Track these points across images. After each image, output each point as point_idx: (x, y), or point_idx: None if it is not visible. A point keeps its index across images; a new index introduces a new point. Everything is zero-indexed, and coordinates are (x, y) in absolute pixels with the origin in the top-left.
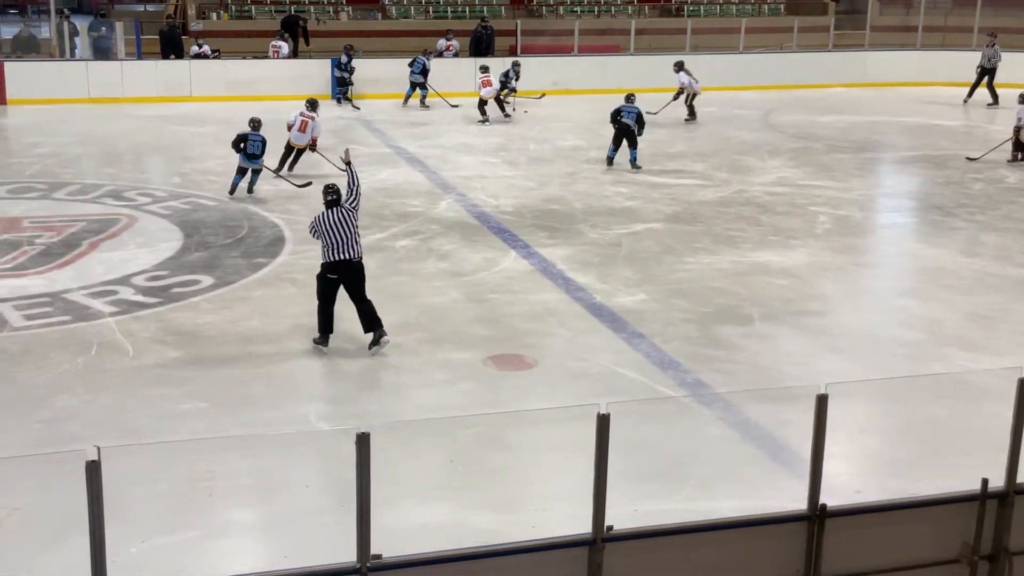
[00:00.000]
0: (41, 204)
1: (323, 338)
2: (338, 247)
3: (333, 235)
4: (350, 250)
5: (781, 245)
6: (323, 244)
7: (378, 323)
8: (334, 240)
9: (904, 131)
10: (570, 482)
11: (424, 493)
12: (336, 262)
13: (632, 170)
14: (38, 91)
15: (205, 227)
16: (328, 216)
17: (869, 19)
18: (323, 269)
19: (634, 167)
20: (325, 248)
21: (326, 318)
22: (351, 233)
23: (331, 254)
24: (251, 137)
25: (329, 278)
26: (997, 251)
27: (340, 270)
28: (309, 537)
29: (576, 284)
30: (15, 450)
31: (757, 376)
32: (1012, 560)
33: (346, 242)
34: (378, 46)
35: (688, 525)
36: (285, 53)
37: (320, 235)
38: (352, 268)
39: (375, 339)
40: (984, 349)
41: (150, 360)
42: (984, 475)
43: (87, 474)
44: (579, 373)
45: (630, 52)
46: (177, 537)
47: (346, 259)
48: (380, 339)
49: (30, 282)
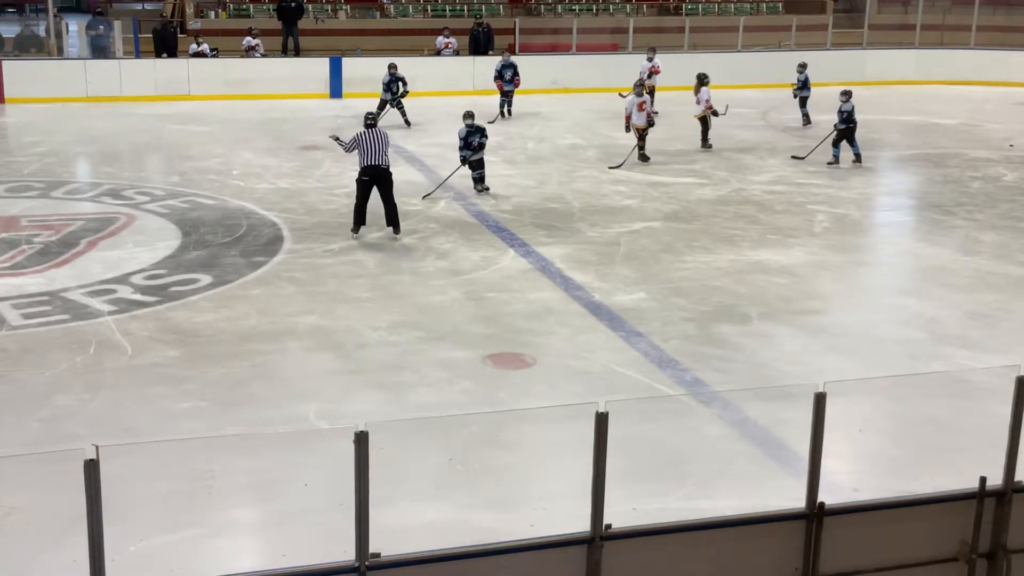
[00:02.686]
0: (39, 203)
1: (356, 228)
2: (371, 156)
3: (368, 147)
4: (380, 159)
5: (780, 244)
6: (360, 154)
7: (397, 224)
8: (368, 150)
9: (903, 130)
10: (569, 481)
11: (423, 492)
12: (368, 167)
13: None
14: (36, 90)
15: (204, 226)
16: (366, 134)
17: (867, 18)
18: (359, 174)
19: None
20: (361, 157)
21: (359, 214)
22: (382, 147)
23: (365, 160)
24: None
25: (363, 180)
26: (996, 249)
27: (371, 173)
28: (308, 536)
29: (575, 283)
30: (14, 449)
31: (756, 375)
32: (1010, 558)
33: (377, 153)
34: (376, 45)
35: (687, 523)
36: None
37: (358, 147)
38: (380, 173)
39: (394, 231)
40: (983, 348)
41: (149, 359)
42: (982, 473)
43: (85, 473)
44: (578, 372)
45: (629, 51)
46: (176, 536)
47: (375, 164)
48: (397, 233)
49: (28, 281)
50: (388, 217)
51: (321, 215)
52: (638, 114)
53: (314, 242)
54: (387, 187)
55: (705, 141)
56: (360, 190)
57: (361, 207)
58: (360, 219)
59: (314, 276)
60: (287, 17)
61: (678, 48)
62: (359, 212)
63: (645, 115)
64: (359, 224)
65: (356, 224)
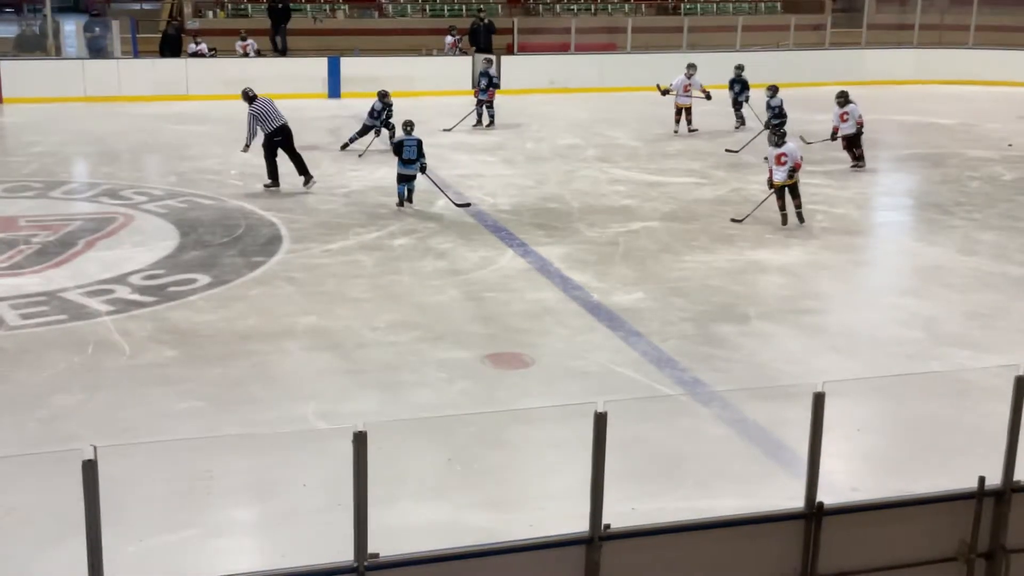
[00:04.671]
0: (37, 203)
1: (276, 182)
2: (275, 119)
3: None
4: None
5: (778, 244)
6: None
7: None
8: (271, 115)
9: (901, 129)
10: (567, 481)
11: (421, 492)
12: (278, 128)
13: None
14: (35, 90)
15: (202, 226)
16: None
17: (866, 17)
18: (271, 135)
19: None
20: (265, 123)
21: (275, 168)
22: (277, 109)
23: (271, 124)
24: (406, 142)
25: (275, 140)
26: (995, 249)
27: (282, 133)
28: (306, 536)
29: (573, 283)
30: (12, 449)
31: (755, 374)
32: (1009, 558)
33: (278, 115)
34: (375, 44)
35: (686, 523)
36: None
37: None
38: (288, 130)
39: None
40: (982, 347)
41: (147, 359)
42: (981, 473)
43: (84, 473)
44: (576, 372)
45: (627, 50)
46: (174, 536)
47: (283, 124)
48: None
49: (26, 281)
50: (299, 168)
51: (320, 215)
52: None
53: (312, 242)
54: (291, 142)
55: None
56: (271, 149)
57: (275, 163)
58: (276, 172)
59: (313, 276)
60: (275, 18)
61: (676, 48)
62: (274, 167)
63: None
64: (276, 177)
65: (274, 178)
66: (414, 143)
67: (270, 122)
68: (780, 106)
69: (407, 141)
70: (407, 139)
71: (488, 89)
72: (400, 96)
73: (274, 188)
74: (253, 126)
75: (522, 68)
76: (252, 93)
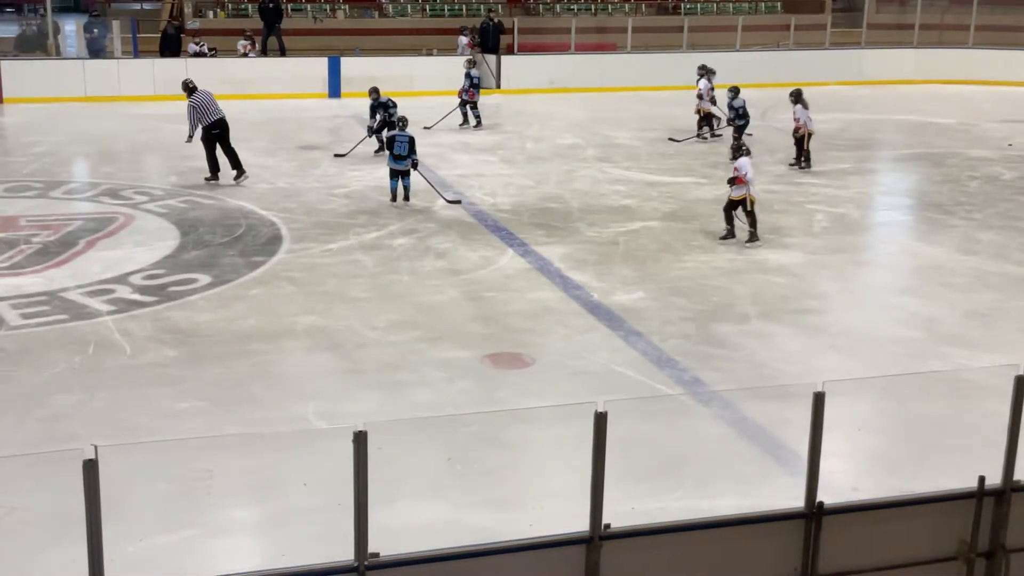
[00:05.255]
0: (38, 203)
1: (215, 175)
2: (213, 112)
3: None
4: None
5: (778, 243)
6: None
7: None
8: (209, 109)
9: (901, 129)
10: (567, 480)
11: (422, 491)
12: (216, 121)
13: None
14: (35, 90)
15: (202, 225)
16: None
17: (866, 17)
18: (209, 128)
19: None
20: (204, 116)
21: (215, 162)
22: (215, 103)
23: (209, 117)
24: (398, 138)
25: (214, 133)
26: (994, 249)
27: (220, 126)
28: (307, 535)
29: (573, 282)
30: (13, 449)
31: (754, 374)
32: (1009, 557)
33: (217, 109)
34: (375, 44)
35: (686, 523)
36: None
37: (199, 113)
38: (225, 123)
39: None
40: (981, 347)
41: (147, 359)
42: (981, 472)
43: (84, 473)
44: (576, 371)
45: (627, 50)
46: (175, 536)
47: (221, 117)
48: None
49: (27, 281)
50: (233, 162)
51: (320, 215)
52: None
53: (313, 242)
54: (227, 136)
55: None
56: (210, 144)
57: (215, 157)
58: (217, 167)
59: (313, 276)
60: (267, 18)
61: (676, 48)
62: (214, 160)
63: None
64: (216, 170)
65: (214, 171)
66: (406, 139)
67: (208, 115)
68: (743, 107)
69: (399, 137)
70: (399, 135)
71: (469, 90)
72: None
73: (214, 182)
74: (193, 118)
75: (522, 68)
76: (192, 85)
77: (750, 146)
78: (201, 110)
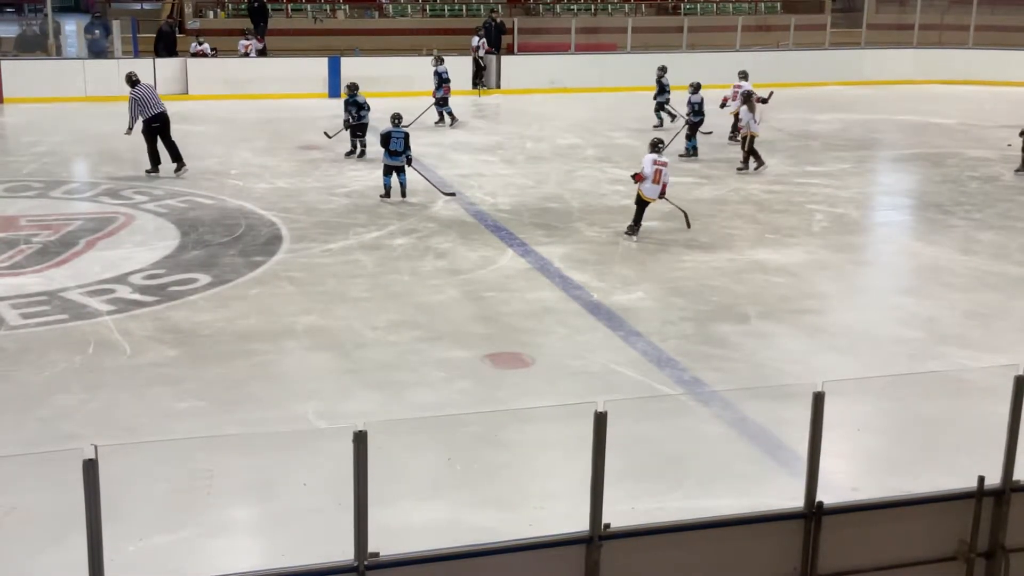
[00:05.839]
0: (38, 203)
1: (155, 168)
2: (154, 106)
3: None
4: (162, 106)
5: (778, 243)
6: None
7: (182, 160)
8: (150, 102)
9: (901, 129)
10: (567, 480)
11: (421, 491)
12: (156, 115)
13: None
14: (35, 90)
15: (202, 225)
16: (140, 89)
17: (865, 17)
18: (149, 121)
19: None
20: (145, 109)
21: (156, 155)
22: (157, 96)
23: (150, 111)
24: (394, 134)
25: (154, 127)
26: (994, 249)
27: (161, 119)
28: (306, 535)
29: (573, 282)
30: (13, 449)
31: (754, 374)
32: (1008, 557)
33: (158, 102)
34: (375, 45)
35: (685, 523)
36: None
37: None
38: (166, 117)
39: (179, 167)
40: (981, 347)
41: (147, 359)
42: (981, 472)
43: (84, 472)
44: (576, 371)
45: (627, 50)
46: (175, 536)
47: (162, 111)
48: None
49: (27, 281)
50: (173, 155)
51: (320, 215)
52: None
53: (312, 242)
54: (168, 130)
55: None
56: (151, 137)
57: (155, 150)
58: (158, 159)
59: (313, 276)
60: (253, 18)
61: (676, 48)
62: (155, 153)
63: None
64: (157, 163)
65: (154, 164)
66: (401, 135)
67: (149, 108)
68: (700, 103)
69: (394, 133)
70: (394, 131)
71: (442, 86)
72: (402, 97)
73: (154, 174)
74: (134, 110)
75: (522, 68)
76: (135, 78)
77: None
78: (142, 103)
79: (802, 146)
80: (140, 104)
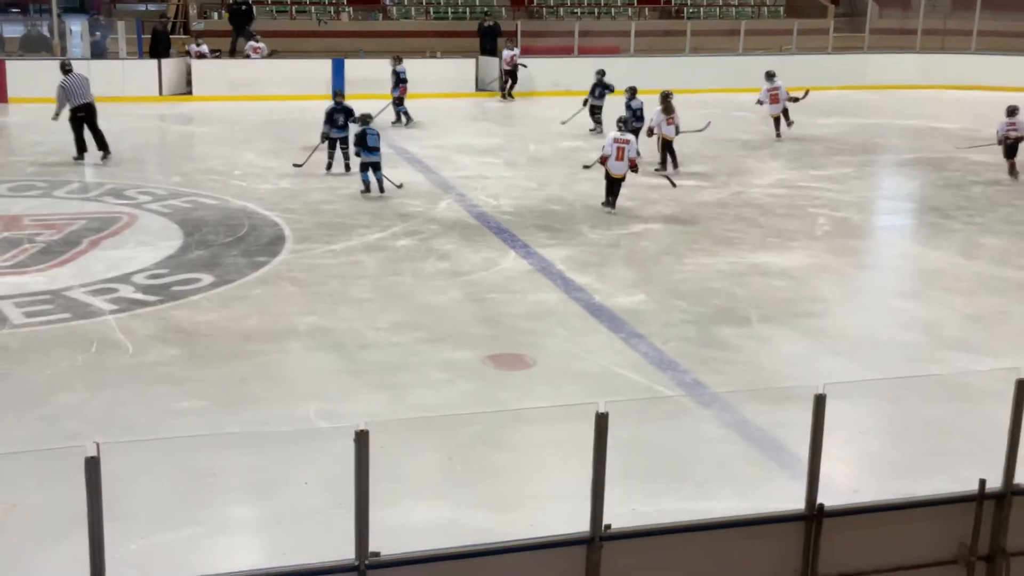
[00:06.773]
0: (42, 202)
1: (81, 155)
2: (81, 95)
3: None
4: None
5: (780, 247)
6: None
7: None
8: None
9: (903, 133)
10: (568, 481)
11: (422, 491)
12: (82, 105)
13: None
14: (39, 89)
15: (205, 226)
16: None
17: (868, 22)
18: (75, 112)
19: None
20: (72, 98)
21: (82, 143)
22: (86, 87)
23: (76, 100)
24: (368, 131)
25: (80, 116)
26: (996, 253)
27: (86, 109)
28: (308, 534)
29: (575, 284)
30: (15, 446)
31: (755, 376)
32: (1009, 561)
33: (85, 92)
34: (379, 46)
35: (686, 524)
36: (265, 52)
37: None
38: (91, 107)
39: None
40: (983, 351)
41: (150, 358)
42: (982, 476)
43: (86, 470)
44: (578, 373)
45: (630, 54)
46: (176, 534)
47: (88, 102)
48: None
49: (30, 280)
50: (99, 143)
51: (323, 215)
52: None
53: (315, 242)
54: (94, 119)
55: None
56: (77, 125)
57: (81, 138)
58: (84, 147)
59: (315, 276)
60: (237, 21)
61: (679, 52)
62: (81, 141)
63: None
64: (83, 150)
65: (80, 152)
66: (375, 132)
67: (76, 98)
68: (640, 108)
69: (369, 131)
70: (369, 129)
71: (399, 86)
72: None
73: (79, 161)
74: (61, 98)
75: (525, 71)
76: (68, 67)
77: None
78: (69, 91)
79: (805, 150)
80: (68, 92)
